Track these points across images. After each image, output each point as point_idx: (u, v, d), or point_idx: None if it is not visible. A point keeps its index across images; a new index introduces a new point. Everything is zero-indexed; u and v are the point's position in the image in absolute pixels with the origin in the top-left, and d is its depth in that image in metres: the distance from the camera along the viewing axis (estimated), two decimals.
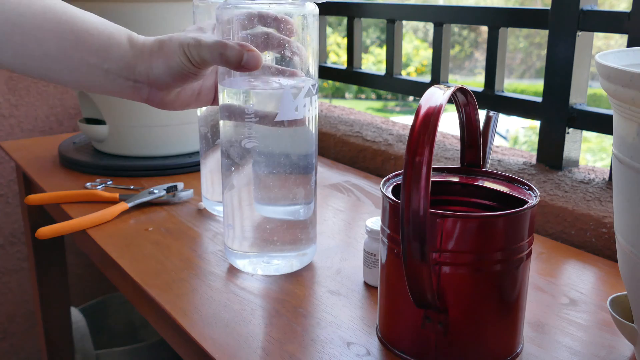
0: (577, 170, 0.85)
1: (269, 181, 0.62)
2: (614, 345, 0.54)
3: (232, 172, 0.63)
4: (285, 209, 0.64)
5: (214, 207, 0.82)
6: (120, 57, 0.56)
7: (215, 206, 0.82)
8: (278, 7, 0.58)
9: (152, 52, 0.56)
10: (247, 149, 0.61)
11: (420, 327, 0.49)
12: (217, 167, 0.78)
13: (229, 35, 0.59)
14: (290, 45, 0.59)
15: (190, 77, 0.57)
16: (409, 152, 0.43)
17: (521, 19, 0.88)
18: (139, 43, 0.57)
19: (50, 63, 0.56)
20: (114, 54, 0.56)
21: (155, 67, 0.56)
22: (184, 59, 0.55)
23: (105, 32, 0.56)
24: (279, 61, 0.61)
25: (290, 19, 0.59)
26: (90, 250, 0.80)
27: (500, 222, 0.47)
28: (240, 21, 0.58)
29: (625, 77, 0.40)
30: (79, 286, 1.56)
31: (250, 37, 0.58)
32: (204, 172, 0.82)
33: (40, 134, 1.44)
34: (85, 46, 0.56)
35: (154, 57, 0.56)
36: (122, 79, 0.57)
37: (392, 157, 1.01)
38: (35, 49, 0.55)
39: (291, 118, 0.60)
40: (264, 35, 0.59)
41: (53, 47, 0.55)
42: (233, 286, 0.63)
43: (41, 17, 0.54)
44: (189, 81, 0.58)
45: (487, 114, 0.56)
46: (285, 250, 0.65)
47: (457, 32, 13.67)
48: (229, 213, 0.65)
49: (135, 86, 0.58)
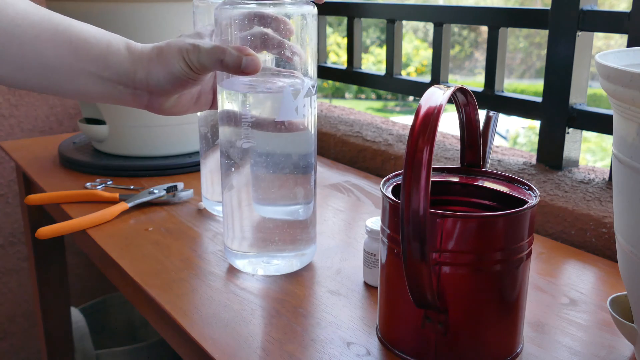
0: (577, 170, 0.85)
1: (268, 181, 0.62)
2: (614, 345, 0.54)
3: (232, 172, 0.63)
4: (284, 209, 0.64)
5: (214, 207, 0.82)
6: (119, 65, 0.56)
7: (215, 206, 0.82)
8: (277, 7, 0.58)
9: (150, 59, 0.56)
10: (245, 149, 0.61)
11: (420, 327, 0.49)
12: (217, 168, 0.78)
13: (227, 35, 0.59)
14: (290, 46, 0.59)
15: (189, 82, 0.57)
16: (409, 152, 0.43)
17: (521, 19, 0.88)
18: (137, 50, 0.57)
19: (49, 74, 0.56)
20: (112, 61, 0.56)
21: (155, 74, 0.56)
22: (183, 65, 0.55)
23: (102, 41, 0.56)
24: (279, 62, 0.61)
25: (288, 20, 0.59)
26: (90, 250, 0.80)
27: (500, 222, 0.47)
28: (239, 21, 0.58)
29: (625, 77, 0.40)
30: (79, 286, 1.56)
31: (249, 38, 0.58)
32: (204, 172, 0.82)
33: (40, 134, 1.44)
34: (84, 55, 0.56)
35: (153, 64, 0.56)
36: (121, 86, 0.57)
37: (392, 157, 1.01)
38: (34, 59, 0.55)
39: (291, 119, 0.60)
40: (263, 35, 0.58)
41: (52, 57, 0.55)
42: (233, 286, 0.63)
43: (39, 28, 0.54)
44: (189, 87, 0.58)
45: (487, 114, 0.56)
46: (286, 250, 0.65)
47: (457, 32, 13.67)
48: (229, 213, 0.65)
49: (135, 93, 0.58)
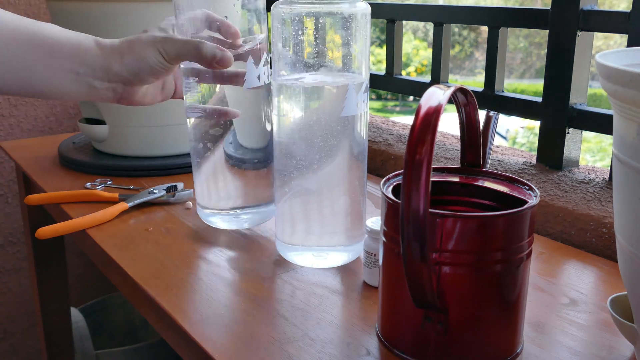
0: (577, 170, 0.85)
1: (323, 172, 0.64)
2: (614, 345, 0.54)
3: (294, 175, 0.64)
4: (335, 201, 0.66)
5: (209, 218, 0.78)
6: (93, 60, 0.59)
7: (210, 217, 0.78)
8: (331, 6, 0.59)
9: (122, 52, 0.59)
10: (320, 145, 0.62)
11: (420, 327, 0.49)
12: (212, 176, 0.76)
13: (282, 33, 0.62)
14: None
15: (162, 72, 0.61)
16: (409, 152, 0.43)
17: (521, 19, 0.87)
18: (107, 45, 0.60)
19: (28, 75, 0.58)
20: (86, 57, 0.59)
21: (130, 65, 0.59)
22: (157, 56, 0.59)
23: (73, 40, 0.59)
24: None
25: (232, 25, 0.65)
26: (90, 250, 0.80)
27: (500, 222, 0.47)
28: (298, 20, 0.61)
29: (625, 77, 0.40)
30: (79, 286, 1.56)
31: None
32: (198, 181, 0.77)
33: (40, 133, 1.44)
34: (59, 54, 0.59)
35: (126, 56, 0.59)
36: (97, 80, 0.60)
37: (392, 157, 1.01)
38: (13, 62, 0.57)
39: (352, 113, 0.62)
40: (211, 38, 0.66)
41: (30, 58, 0.58)
42: (233, 286, 0.63)
43: (13, 32, 0.57)
44: (162, 76, 0.62)
45: (487, 114, 0.56)
46: (333, 244, 0.66)
47: (457, 32, 13.67)
48: (286, 209, 0.66)
49: (110, 87, 0.61)
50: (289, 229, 0.66)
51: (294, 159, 0.63)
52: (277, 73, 0.62)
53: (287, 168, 0.64)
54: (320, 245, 0.66)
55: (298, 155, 0.63)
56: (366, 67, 0.63)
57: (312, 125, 0.62)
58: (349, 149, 0.63)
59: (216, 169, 0.75)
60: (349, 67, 0.62)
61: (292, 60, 0.61)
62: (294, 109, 0.62)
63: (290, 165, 0.64)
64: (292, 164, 0.63)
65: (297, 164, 0.63)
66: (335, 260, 0.67)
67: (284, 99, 0.63)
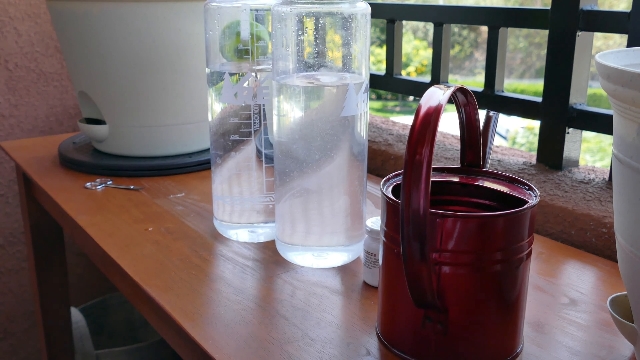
0: (577, 170, 0.85)
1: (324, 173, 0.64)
2: (614, 345, 0.54)
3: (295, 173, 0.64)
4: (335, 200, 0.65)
5: (228, 231, 0.75)
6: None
7: (229, 230, 0.75)
8: (331, 6, 0.59)
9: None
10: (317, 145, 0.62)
11: (420, 327, 0.49)
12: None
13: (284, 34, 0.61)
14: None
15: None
16: (409, 152, 0.43)
17: (521, 19, 0.88)
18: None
19: None
20: None
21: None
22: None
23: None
24: (320, 58, 0.62)
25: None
26: (90, 250, 0.80)
27: (500, 222, 0.47)
28: (298, 20, 0.60)
29: (625, 77, 0.40)
30: (79, 286, 1.55)
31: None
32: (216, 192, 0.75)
33: (40, 134, 1.44)
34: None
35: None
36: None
37: (392, 157, 1.01)
38: None
39: (352, 114, 0.62)
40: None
41: None
42: (233, 286, 0.63)
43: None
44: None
45: (487, 114, 0.56)
46: (334, 244, 0.66)
47: (457, 32, 13.66)
48: (286, 208, 0.66)
49: None
50: (289, 229, 0.66)
51: (294, 159, 0.63)
52: (277, 73, 0.62)
53: (287, 168, 0.64)
54: (320, 245, 0.66)
55: (298, 155, 0.63)
56: (366, 67, 0.63)
57: (312, 125, 0.62)
58: (348, 149, 0.63)
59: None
60: (349, 67, 0.62)
61: (292, 60, 0.61)
62: (294, 109, 0.62)
63: (290, 165, 0.64)
64: (292, 164, 0.63)
65: (297, 164, 0.63)
66: (335, 260, 0.67)
67: (284, 99, 0.63)
